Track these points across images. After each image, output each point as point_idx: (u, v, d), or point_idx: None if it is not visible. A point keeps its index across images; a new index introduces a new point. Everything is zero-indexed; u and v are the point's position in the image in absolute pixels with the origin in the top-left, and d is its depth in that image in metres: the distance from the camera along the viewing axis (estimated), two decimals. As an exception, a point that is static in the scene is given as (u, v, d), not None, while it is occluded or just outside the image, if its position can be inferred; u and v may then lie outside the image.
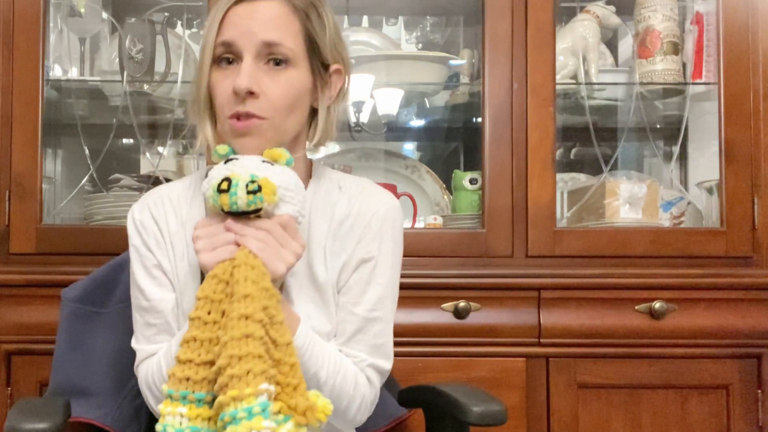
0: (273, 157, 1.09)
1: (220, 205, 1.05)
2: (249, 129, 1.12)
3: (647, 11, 1.96)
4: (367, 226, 1.21)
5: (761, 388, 1.77)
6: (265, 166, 1.07)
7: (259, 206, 1.05)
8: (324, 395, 1.08)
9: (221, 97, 1.13)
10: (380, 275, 1.21)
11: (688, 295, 1.78)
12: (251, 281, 1.02)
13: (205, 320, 1.02)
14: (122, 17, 2.04)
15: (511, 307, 1.77)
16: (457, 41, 2.26)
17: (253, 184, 1.04)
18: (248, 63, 1.11)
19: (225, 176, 1.05)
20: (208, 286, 1.04)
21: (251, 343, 0.97)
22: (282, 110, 1.13)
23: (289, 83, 1.14)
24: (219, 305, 1.03)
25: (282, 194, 1.07)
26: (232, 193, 1.04)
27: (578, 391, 1.76)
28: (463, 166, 2.27)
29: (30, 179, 1.77)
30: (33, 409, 1.18)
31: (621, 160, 2.15)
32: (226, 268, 1.05)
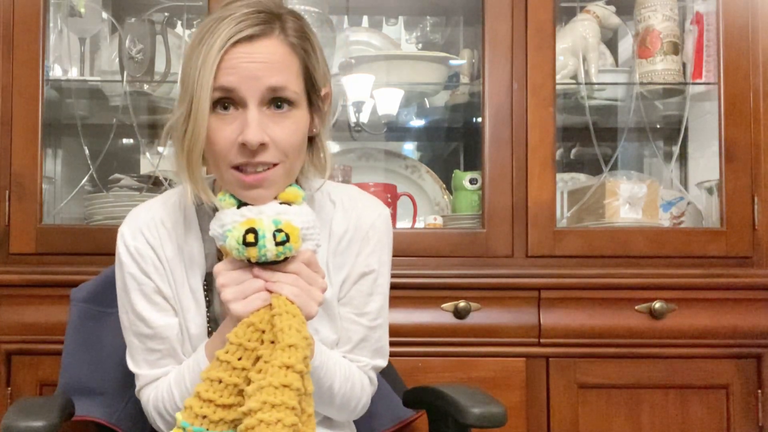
0: (288, 200, 1.09)
1: (246, 257, 1.04)
2: (260, 181, 1.07)
3: (647, 11, 1.96)
4: (365, 239, 1.22)
5: (761, 388, 1.77)
6: (284, 209, 1.07)
7: (288, 255, 1.05)
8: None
9: (222, 145, 1.06)
10: (381, 286, 1.24)
11: (688, 295, 1.78)
12: (295, 330, 1.02)
13: (234, 365, 1.03)
14: (122, 17, 2.04)
15: (511, 307, 1.77)
16: (457, 41, 2.26)
17: (281, 234, 1.03)
18: (254, 113, 1.05)
19: (247, 227, 1.04)
20: (243, 333, 1.04)
21: (287, 394, 0.98)
22: (291, 154, 1.09)
23: (296, 126, 1.09)
24: (251, 353, 1.04)
25: (304, 235, 1.07)
26: (260, 246, 1.03)
27: (578, 391, 1.76)
28: (463, 166, 2.27)
29: (30, 179, 1.77)
30: (30, 408, 1.18)
31: (621, 160, 2.15)
32: (263, 316, 1.05)
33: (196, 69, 1.05)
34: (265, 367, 1.01)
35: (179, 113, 1.09)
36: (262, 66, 1.05)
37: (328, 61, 2.03)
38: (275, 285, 1.06)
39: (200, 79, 1.04)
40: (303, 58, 1.10)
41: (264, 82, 1.05)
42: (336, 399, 1.18)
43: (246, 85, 1.05)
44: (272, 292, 1.06)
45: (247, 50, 1.05)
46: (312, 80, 1.12)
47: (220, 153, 1.07)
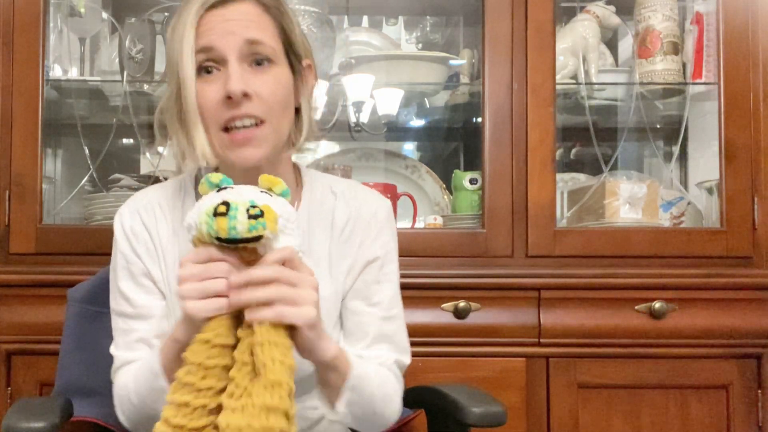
0: (270, 183, 1.00)
1: (216, 230, 0.93)
2: (249, 139, 1.07)
3: (647, 11, 1.96)
4: (367, 228, 1.21)
5: (761, 388, 1.77)
6: (263, 196, 0.97)
7: (260, 233, 0.93)
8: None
9: (208, 106, 1.07)
10: (388, 274, 1.21)
11: (688, 295, 1.78)
12: (279, 362, 0.92)
13: (199, 387, 0.94)
14: (122, 17, 2.04)
15: (511, 307, 1.77)
16: (457, 41, 2.26)
17: (255, 209, 0.93)
18: (235, 66, 1.07)
19: (222, 201, 0.94)
20: (202, 351, 0.94)
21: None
22: (277, 110, 1.10)
23: (278, 80, 1.10)
24: (215, 371, 0.94)
25: (282, 225, 0.96)
26: (231, 216, 0.92)
27: (578, 391, 1.76)
28: (463, 166, 2.27)
29: (30, 179, 1.77)
30: (31, 408, 1.18)
31: (621, 160, 2.15)
32: (218, 329, 0.95)
33: (178, 41, 1.09)
34: (242, 402, 0.91)
35: (168, 93, 1.13)
36: (238, 23, 1.08)
37: (328, 60, 2.06)
38: (247, 297, 0.93)
39: (182, 47, 1.08)
40: (278, 17, 1.13)
41: (241, 36, 1.08)
42: (376, 406, 1.11)
43: (224, 40, 1.07)
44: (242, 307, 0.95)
45: (221, 12, 1.09)
46: (290, 41, 1.14)
47: (208, 114, 1.08)
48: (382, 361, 1.18)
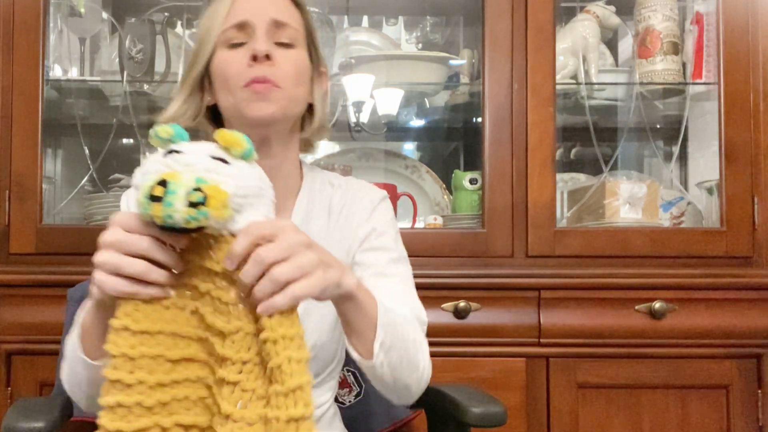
0: (228, 143, 0.84)
1: (150, 216, 0.79)
2: (267, 93, 1.12)
3: (647, 11, 1.96)
4: (362, 211, 1.23)
5: (761, 388, 1.77)
6: (216, 165, 0.82)
7: (201, 224, 0.78)
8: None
9: (235, 68, 1.13)
10: (384, 243, 1.22)
11: (688, 295, 1.78)
12: (296, 362, 0.79)
13: (127, 382, 0.80)
14: (122, 17, 2.04)
15: (511, 307, 1.77)
16: (457, 41, 2.26)
17: (197, 194, 0.77)
18: (262, 34, 1.14)
19: (161, 177, 0.79)
20: (122, 341, 0.81)
21: None
22: (292, 81, 1.15)
23: (297, 59, 1.17)
24: (143, 361, 0.81)
25: (238, 204, 0.81)
26: (167, 203, 0.77)
27: (578, 391, 1.76)
28: (463, 166, 2.27)
29: (30, 179, 1.77)
30: (30, 408, 1.18)
31: (621, 160, 2.15)
32: (134, 314, 0.82)
33: (209, 17, 1.18)
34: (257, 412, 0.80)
35: (188, 62, 1.20)
36: (269, 4, 1.16)
37: (328, 60, 2.05)
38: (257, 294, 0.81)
39: (211, 20, 1.17)
40: (306, 17, 1.21)
41: (271, 13, 1.15)
42: (408, 343, 1.04)
43: (255, 16, 1.14)
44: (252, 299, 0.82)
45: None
46: (312, 38, 1.21)
47: (233, 76, 1.13)
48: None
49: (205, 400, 0.85)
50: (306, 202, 1.22)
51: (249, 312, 0.83)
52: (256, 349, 0.82)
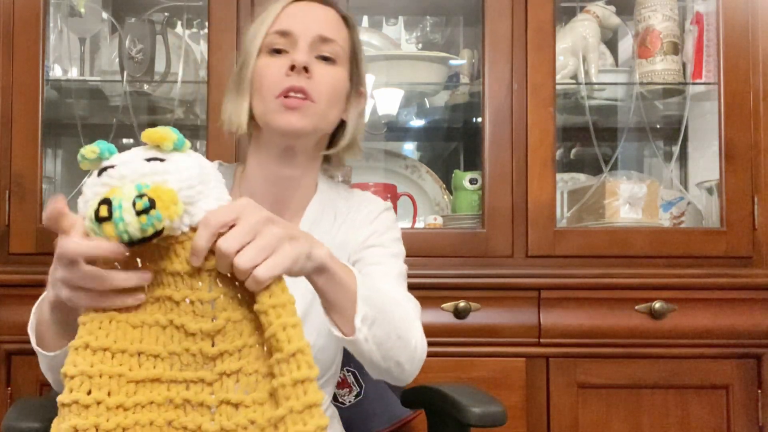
0: (156, 140, 0.81)
1: (105, 236, 0.76)
2: (299, 106, 1.13)
3: (647, 11, 1.96)
4: (366, 217, 1.25)
5: (761, 388, 1.77)
6: (152, 167, 0.79)
7: (158, 227, 0.75)
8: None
9: (272, 75, 1.14)
10: (385, 242, 1.23)
11: (688, 295, 1.78)
12: (291, 327, 0.78)
13: (84, 403, 0.76)
14: (122, 17, 2.04)
15: (511, 307, 1.77)
16: (457, 41, 2.26)
17: (142, 200, 0.74)
18: (304, 46, 1.15)
19: (102, 197, 0.76)
20: (81, 359, 0.77)
21: (316, 414, 0.77)
22: (327, 98, 1.16)
23: (336, 77, 1.18)
24: (103, 380, 0.77)
25: (187, 196, 0.79)
26: (116, 219, 0.74)
27: (578, 391, 1.76)
28: (463, 166, 2.27)
29: (30, 179, 1.77)
30: (30, 408, 1.18)
31: (621, 160, 2.15)
32: (101, 332, 0.78)
33: (259, 20, 1.19)
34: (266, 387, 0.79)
35: (237, 64, 1.22)
36: (317, 18, 1.18)
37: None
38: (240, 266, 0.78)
39: (258, 26, 1.18)
40: (353, 36, 1.23)
41: (317, 30, 1.16)
42: (401, 336, 1.02)
43: (300, 28, 1.16)
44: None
45: (305, 7, 1.19)
46: (356, 58, 1.23)
47: (268, 84, 1.14)
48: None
49: (174, 422, 0.80)
50: (315, 209, 1.24)
51: (233, 297, 0.81)
52: (249, 331, 0.81)
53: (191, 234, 0.79)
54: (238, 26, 1.81)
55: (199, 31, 2.13)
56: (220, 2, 1.82)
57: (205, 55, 1.96)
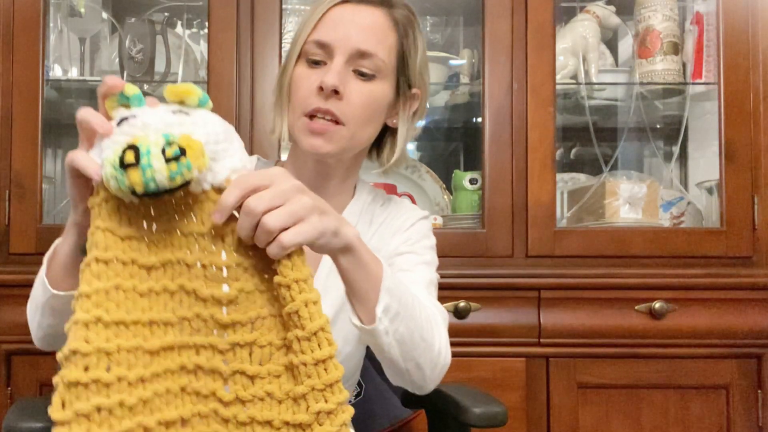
0: (180, 96, 0.78)
1: (129, 186, 0.72)
2: (325, 131, 1.09)
3: (647, 11, 1.96)
4: (401, 224, 1.22)
5: (761, 388, 1.77)
6: (179, 119, 0.76)
7: (187, 178, 0.73)
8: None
9: (303, 91, 1.11)
10: (418, 249, 1.20)
11: (688, 295, 1.78)
12: (312, 304, 0.78)
13: (106, 381, 0.71)
14: (122, 17, 2.04)
15: (511, 307, 1.77)
16: (457, 41, 2.26)
17: (172, 147, 0.72)
18: (339, 63, 1.09)
19: (127, 143, 0.73)
20: (95, 335, 0.72)
21: (337, 390, 0.78)
22: (360, 119, 1.12)
23: (373, 95, 1.12)
24: (122, 355, 0.73)
25: (213, 151, 0.76)
26: (144, 165, 0.71)
27: (578, 391, 1.76)
28: (463, 166, 2.27)
29: (30, 179, 1.77)
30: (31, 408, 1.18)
31: (621, 160, 2.15)
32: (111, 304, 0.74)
33: (303, 20, 1.14)
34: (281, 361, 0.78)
35: (283, 63, 1.18)
36: (359, 28, 1.11)
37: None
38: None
39: (301, 29, 1.13)
40: (401, 36, 1.15)
41: (356, 43, 1.10)
42: (425, 337, 0.99)
43: (339, 41, 1.10)
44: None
45: (350, 10, 1.12)
46: (404, 63, 1.16)
47: (300, 98, 1.11)
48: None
49: (187, 387, 0.79)
50: (352, 215, 1.22)
51: (246, 267, 0.79)
52: (261, 303, 0.79)
53: (212, 194, 0.77)
54: (238, 26, 1.81)
55: (199, 31, 2.13)
56: (220, 2, 1.82)
57: (205, 55, 1.96)
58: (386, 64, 1.13)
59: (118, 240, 0.75)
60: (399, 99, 1.18)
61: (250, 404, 0.78)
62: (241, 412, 0.78)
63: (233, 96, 1.81)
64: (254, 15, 1.83)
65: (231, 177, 0.78)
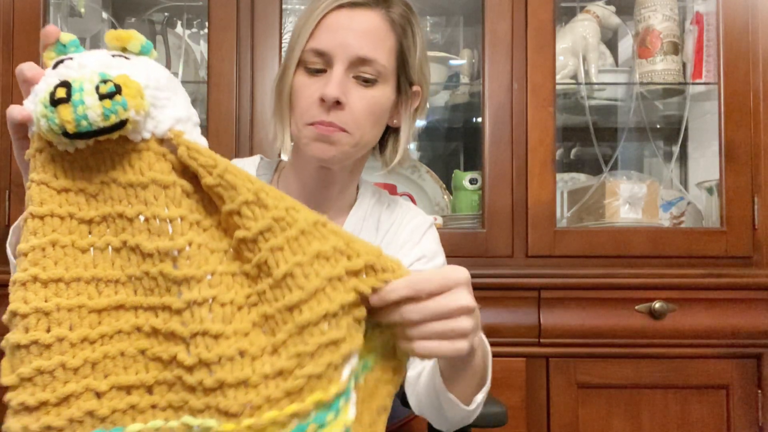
0: (121, 42, 0.74)
1: (60, 124, 0.68)
2: (329, 136, 1.08)
3: (647, 11, 1.96)
4: (410, 234, 1.22)
5: (761, 388, 1.77)
6: (118, 61, 0.72)
7: (122, 117, 0.68)
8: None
9: (304, 102, 1.09)
10: (431, 268, 1.20)
11: (688, 295, 1.78)
12: (278, 249, 0.72)
13: (45, 342, 0.68)
14: (122, 17, 2.04)
15: (511, 307, 1.77)
16: (457, 41, 2.26)
17: (107, 85, 0.68)
18: (339, 72, 1.08)
19: (60, 81, 0.69)
20: (32, 295, 0.69)
21: (316, 333, 0.71)
22: (364, 126, 1.11)
23: (375, 101, 1.11)
24: (62, 314, 0.69)
25: (152, 96, 0.72)
26: (76, 102, 0.67)
27: (578, 391, 1.76)
28: (463, 166, 2.27)
29: (30, 179, 1.77)
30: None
31: (621, 160, 2.15)
32: (49, 261, 0.70)
33: (299, 26, 1.12)
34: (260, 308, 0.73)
35: (279, 70, 1.16)
36: (357, 34, 1.09)
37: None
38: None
39: (297, 35, 1.11)
40: (400, 37, 1.14)
41: (354, 49, 1.08)
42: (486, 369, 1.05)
43: (337, 49, 1.08)
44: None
45: (346, 15, 1.10)
46: (405, 63, 1.15)
47: (301, 109, 1.10)
48: None
49: (147, 352, 0.73)
50: (357, 218, 1.22)
51: (192, 223, 0.73)
52: (216, 260, 0.73)
53: (153, 144, 0.73)
54: (238, 26, 1.81)
55: (199, 31, 2.13)
56: (220, 2, 1.82)
57: (205, 55, 1.96)
58: (387, 67, 1.12)
59: (53, 193, 0.72)
60: (401, 98, 1.17)
61: (216, 367, 0.70)
62: (206, 377, 0.71)
63: (233, 96, 1.81)
64: (254, 15, 1.83)
65: (176, 127, 0.74)
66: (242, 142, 1.80)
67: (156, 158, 0.73)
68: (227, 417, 0.70)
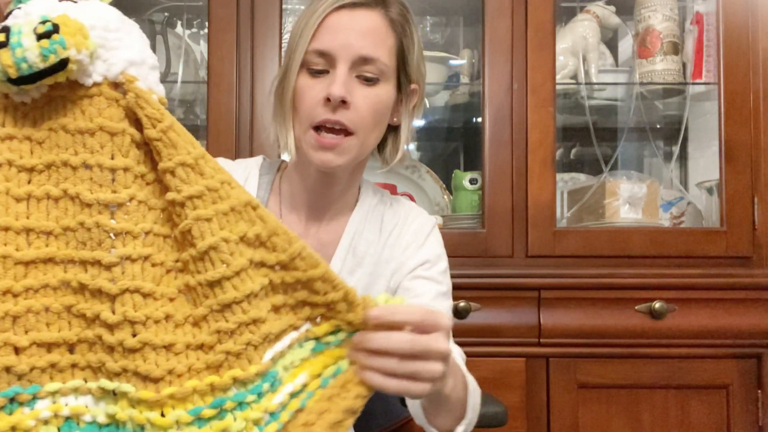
0: None
1: (2, 70, 0.67)
2: (334, 146, 1.09)
3: (647, 11, 1.96)
4: (414, 235, 1.22)
5: (761, 388, 1.77)
6: (64, 5, 0.71)
7: (62, 55, 0.67)
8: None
9: (309, 103, 1.09)
10: (435, 275, 1.21)
11: (688, 295, 1.78)
12: (204, 221, 0.72)
13: None
14: (122, 17, 2.03)
15: (511, 307, 1.77)
16: (457, 41, 2.26)
17: (45, 25, 0.67)
18: (343, 72, 1.08)
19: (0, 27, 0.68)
20: None
21: (238, 311, 0.72)
22: (369, 125, 1.11)
23: (379, 99, 1.11)
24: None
25: (102, 37, 0.71)
26: (14, 44, 0.66)
27: (578, 391, 1.76)
28: (463, 166, 2.27)
29: (30, 179, 1.77)
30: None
31: (621, 160, 2.15)
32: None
33: (299, 28, 1.11)
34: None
35: (278, 73, 1.16)
36: (359, 34, 1.10)
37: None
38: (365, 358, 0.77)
39: (299, 37, 1.11)
40: (400, 35, 1.14)
41: (356, 49, 1.09)
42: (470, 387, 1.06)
43: (339, 50, 1.08)
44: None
45: (347, 16, 1.10)
46: (404, 61, 1.15)
47: (305, 110, 1.09)
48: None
49: (73, 308, 0.71)
50: (359, 219, 1.22)
51: (137, 175, 0.72)
52: (153, 218, 0.72)
53: (105, 88, 0.72)
54: (238, 26, 1.81)
55: (199, 31, 2.13)
56: (220, 2, 1.82)
57: (205, 55, 1.96)
58: (388, 66, 1.12)
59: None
60: (400, 96, 1.18)
61: (141, 327, 0.69)
62: (128, 337, 0.69)
63: (233, 96, 1.81)
64: (254, 15, 1.83)
65: (129, 71, 0.72)
66: (242, 142, 1.80)
67: (107, 103, 0.71)
68: (145, 383, 0.69)
